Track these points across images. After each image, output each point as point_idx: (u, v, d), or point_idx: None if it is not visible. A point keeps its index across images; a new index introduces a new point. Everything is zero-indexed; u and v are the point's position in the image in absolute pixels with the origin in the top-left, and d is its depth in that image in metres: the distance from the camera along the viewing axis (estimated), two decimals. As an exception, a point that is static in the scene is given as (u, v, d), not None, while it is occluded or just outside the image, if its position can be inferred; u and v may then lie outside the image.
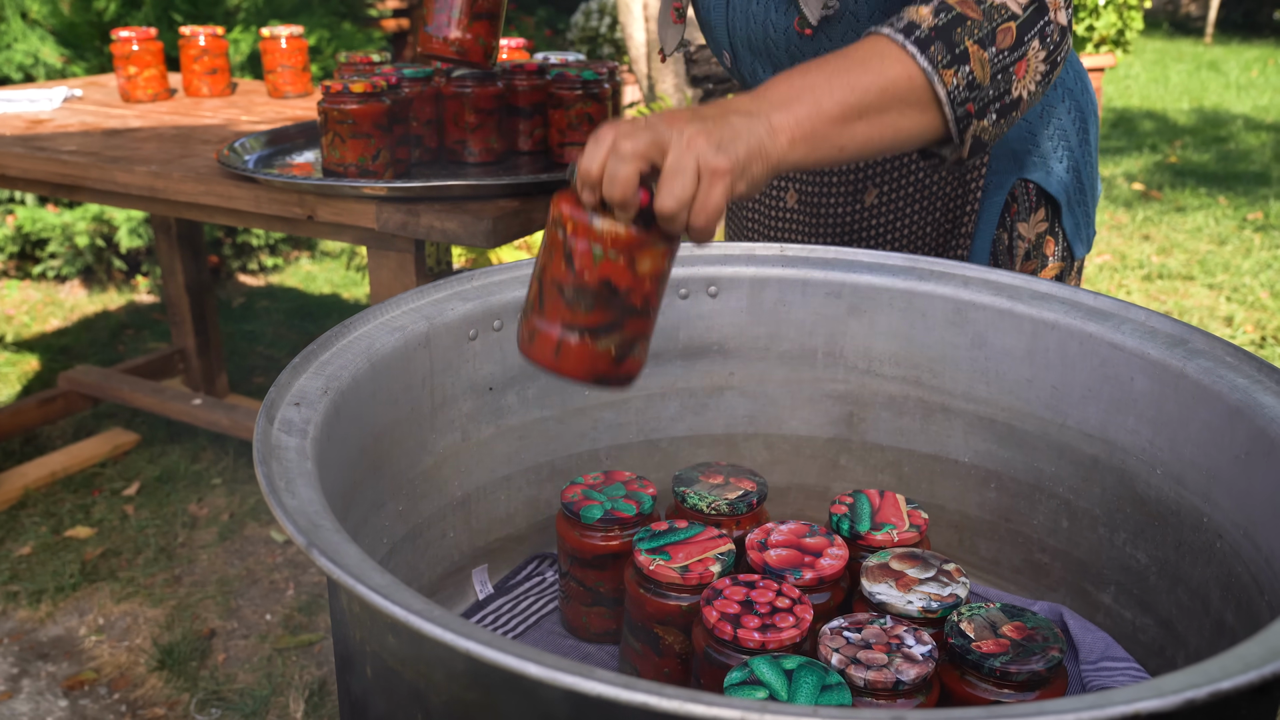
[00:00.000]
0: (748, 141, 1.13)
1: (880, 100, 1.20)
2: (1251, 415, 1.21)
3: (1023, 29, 1.25)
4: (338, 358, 1.26)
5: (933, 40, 1.21)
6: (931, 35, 1.21)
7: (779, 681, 1.09)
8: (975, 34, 1.23)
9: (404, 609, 0.79)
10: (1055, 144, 1.77)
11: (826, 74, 1.19)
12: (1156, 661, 1.36)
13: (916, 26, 1.22)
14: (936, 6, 1.24)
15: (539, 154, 2.53)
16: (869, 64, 1.21)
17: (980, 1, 1.24)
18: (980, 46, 1.23)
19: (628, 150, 1.08)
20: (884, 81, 1.20)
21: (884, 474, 1.62)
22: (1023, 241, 1.77)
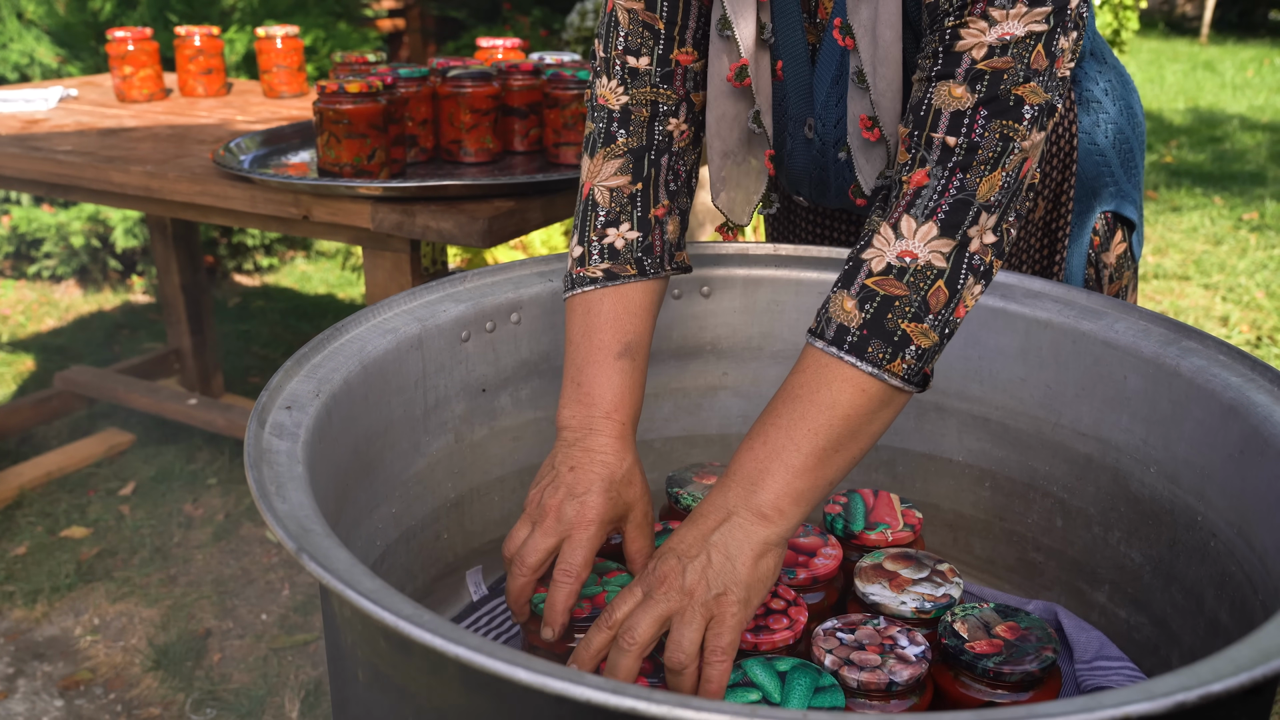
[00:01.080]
0: (742, 556, 1.13)
1: (846, 428, 1.15)
2: (1245, 414, 1.21)
3: (951, 281, 1.17)
4: (329, 360, 1.26)
5: (868, 341, 1.15)
6: (864, 334, 1.15)
7: (772, 683, 1.09)
8: (907, 312, 1.15)
9: (393, 614, 0.79)
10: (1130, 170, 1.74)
11: (784, 428, 1.16)
12: (1151, 660, 1.36)
13: (847, 331, 1.16)
14: (860, 296, 1.17)
15: (535, 154, 2.53)
16: (818, 398, 1.16)
17: (901, 274, 1.16)
18: (916, 321, 1.16)
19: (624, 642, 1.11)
20: (840, 412, 1.15)
21: (878, 473, 1.62)
22: (1107, 269, 1.74)
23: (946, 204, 1.17)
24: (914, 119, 1.22)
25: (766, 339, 1.60)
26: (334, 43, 6.13)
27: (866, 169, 1.46)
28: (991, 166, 1.17)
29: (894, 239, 1.17)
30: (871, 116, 1.41)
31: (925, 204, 1.18)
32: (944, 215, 1.17)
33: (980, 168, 1.17)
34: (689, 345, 1.60)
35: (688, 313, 1.58)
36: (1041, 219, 1.69)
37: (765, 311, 1.59)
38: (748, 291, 1.59)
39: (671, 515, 1.43)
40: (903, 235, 1.17)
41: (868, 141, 1.44)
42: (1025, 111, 1.17)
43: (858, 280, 1.17)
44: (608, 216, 1.41)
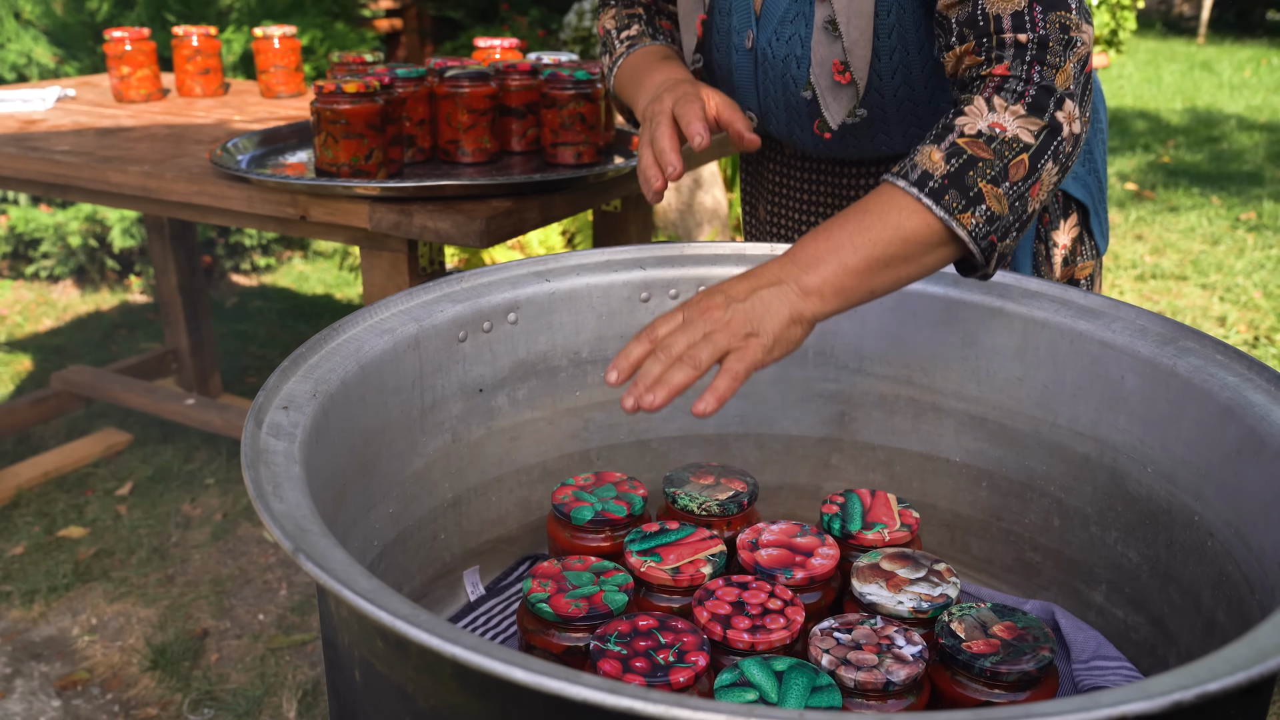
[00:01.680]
0: (778, 314, 1.24)
1: (903, 250, 1.27)
2: (1242, 414, 1.21)
3: (1035, 157, 1.31)
4: (326, 361, 1.26)
5: (946, 189, 1.27)
6: (945, 184, 1.27)
7: (769, 683, 1.09)
8: (988, 174, 1.28)
9: (390, 614, 0.79)
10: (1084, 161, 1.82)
11: (849, 231, 1.27)
12: (1148, 660, 1.36)
13: (930, 177, 1.28)
14: (948, 151, 1.30)
15: (532, 154, 2.53)
16: (887, 218, 1.27)
17: (990, 140, 1.30)
18: (994, 185, 1.28)
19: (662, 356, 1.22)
20: (904, 234, 1.27)
21: (875, 473, 1.62)
22: (1059, 249, 1.81)
23: (1032, 90, 1.33)
24: (974, 30, 1.39)
25: (764, 339, 1.60)
26: (331, 43, 6.13)
27: (835, 107, 1.65)
28: (1061, 58, 1.34)
29: (987, 111, 1.32)
30: (844, 62, 1.59)
31: (1013, 88, 1.33)
32: (1031, 99, 1.32)
33: (1053, 60, 1.34)
34: (686, 345, 1.60)
35: (685, 313, 1.58)
36: None
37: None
38: (745, 291, 1.59)
39: (669, 515, 1.43)
40: (995, 109, 1.32)
41: (838, 84, 1.62)
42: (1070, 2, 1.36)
43: (949, 138, 1.31)
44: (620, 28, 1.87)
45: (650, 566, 1.27)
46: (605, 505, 1.40)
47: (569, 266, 1.54)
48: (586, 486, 1.44)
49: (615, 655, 1.11)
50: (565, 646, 1.21)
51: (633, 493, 1.43)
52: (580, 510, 1.39)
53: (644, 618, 1.17)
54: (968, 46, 1.40)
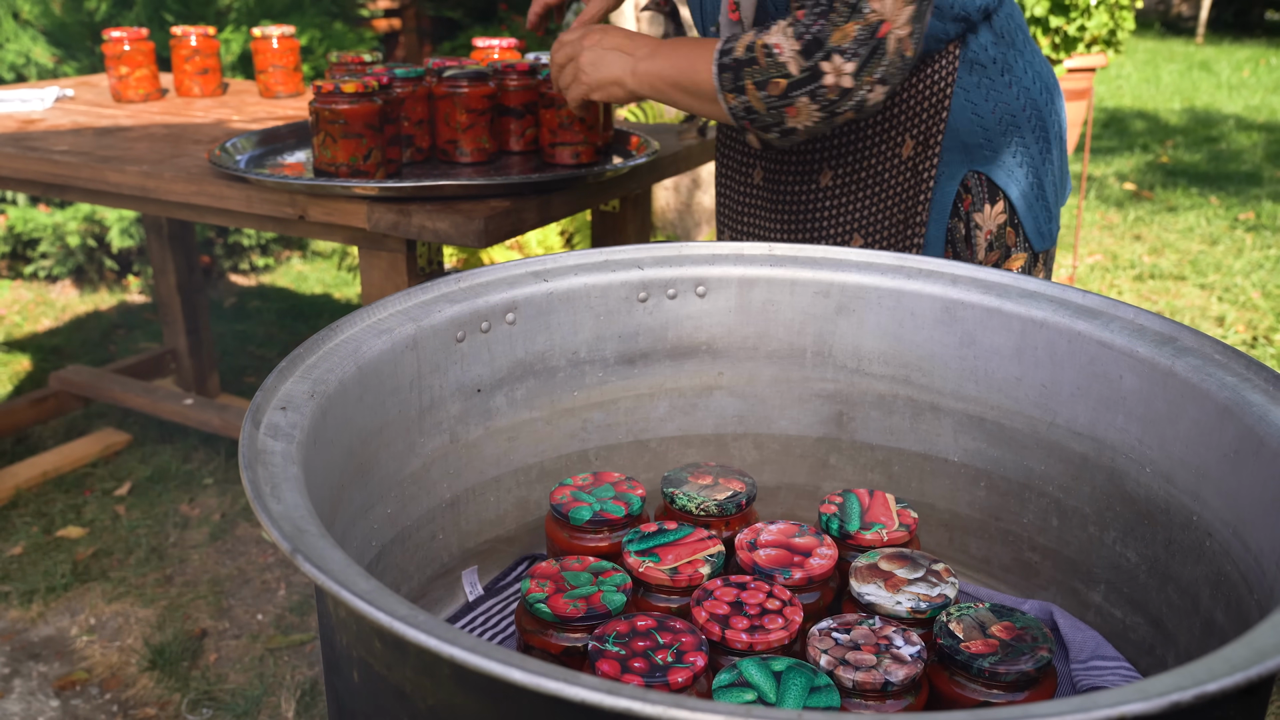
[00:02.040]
0: (610, 71, 1.88)
1: (692, 87, 1.76)
2: (1240, 413, 1.21)
3: (791, 87, 1.65)
4: (324, 361, 1.26)
5: (727, 69, 1.70)
6: (729, 65, 1.69)
7: (767, 683, 1.08)
8: (755, 78, 1.67)
9: (388, 615, 0.79)
10: (1014, 150, 1.89)
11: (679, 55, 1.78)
12: (1147, 660, 1.36)
13: (728, 54, 1.70)
14: (747, 45, 1.68)
15: (531, 154, 2.53)
16: (697, 63, 1.74)
17: (769, 55, 1.65)
18: (756, 88, 1.67)
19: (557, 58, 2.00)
20: (697, 79, 1.75)
21: (873, 473, 1.62)
22: (981, 231, 1.90)
23: (808, 36, 1.63)
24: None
25: (762, 339, 1.60)
26: (330, 43, 6.13)
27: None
28: (844, 18, 1.61)
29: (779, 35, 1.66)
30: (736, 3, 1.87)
31: (798, 29, 1.64)
32: (804, 43, 1.63)
33: (836, 18, 1.61)
34: (684, 345, 1.60)
35: (683, 313, 1.58)
36: (909, 157, 1.89)
37: (760, 311, 1.59)
38: (743, 291, 1.59)
39: (667, 515, 1.43)
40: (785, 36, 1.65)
41: (731, 21, 1.90)
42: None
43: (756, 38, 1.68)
44: None
45: (648, 567, 1.27)
46: (603, 505, 1.40)
47: (567, 266, 1.54)
48: (585, 487, 1.44)
49: (614, 655, 1.11)
50: (564, 647, 1.21)
51: (631, 493, 1.43)
52: (579, 510, 1.39)
53: (642, 618, 1.17)
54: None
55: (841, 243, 1.95)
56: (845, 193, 1.94)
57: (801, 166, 1.97)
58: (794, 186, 1.99)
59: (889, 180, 1.91)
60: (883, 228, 1.93)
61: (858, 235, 1.94)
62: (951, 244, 1.90)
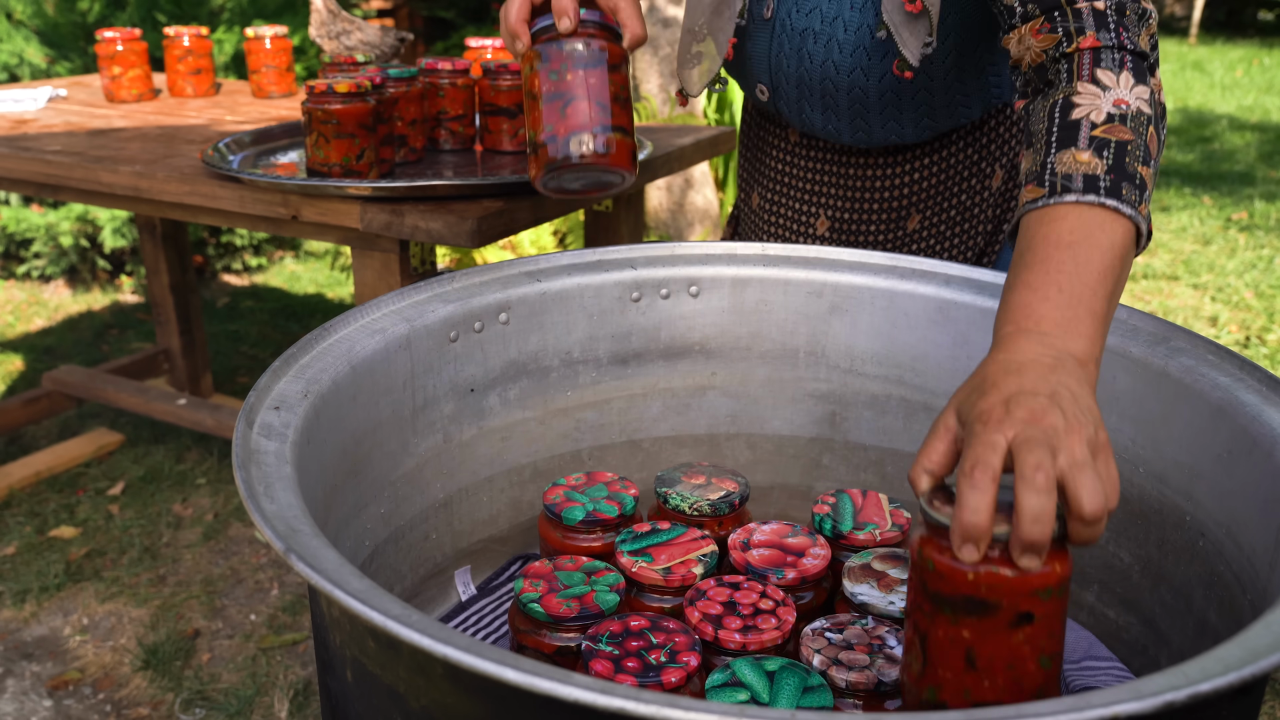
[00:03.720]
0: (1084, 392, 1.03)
1: (1123, 265, 1.15)
2: (1233, 414, 1.21)
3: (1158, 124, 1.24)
4: (317, 361, 1.26)
5: (1119, 184, 1.16)
6: (1113, 179, 1.16)
7: (760, 683, 1.09)
8: (1138, 155, 1.19)
9: (382, 614, 0.79)
10: None
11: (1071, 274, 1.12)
12: (1140, 661, 1.36)
13: (1096, 179, 1.16)
14: (1093, 146, 1.19)
15: (523, 154, 2.53)
16: (1096, 240, 1.14)
17: (1124, 119, 1.21)
18: (1145, 165, 1.19)
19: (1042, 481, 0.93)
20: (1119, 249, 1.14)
21: (867, 473, 1.62)
22: None
23: (1130, 58, 1.26)
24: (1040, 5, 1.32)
25: (755, 339, 1.60)
26: (323, 42, 6.12)
27: (911, 41, 1.54)
28: (1139, 23, 1.29)
29: (1102, 91, 1.23)
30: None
31: (1111, 59, 1.26)
32: (1132, 65, 1.25)
33: (1133, 22, 1.28)
34: (677, 345, 1.60)
35: (676, 313, 1.59)
36: (999, 189, 1.80)
37: (754, 311, 1.59)
38: (736, 291, 1.59)
39: (660, 515, 1.43)
40: (1109, 86, 1.23)
41: (910, 14, 1.53)
42: None
43: (1083, 134, 1.20)
44: None
45: (641, 567, 1.27)
46: (597, 505, 1.40)
47: (560, 266, 1.54)
48: (578, 486, 1.44)
49: (607, 655, 1.11)
50: (557, 646, 1.21)
51: (624, 493, 1.43)
52: (572, 510, 1.39)
53: (635, 618, 1.17)
54: (1035, 24, 1.32)
55: None
56: (933, 233, 1.83)
57: (887, 214, 1.83)
58: (877, 234, 1.85)
59: (976, 214, 1.82)
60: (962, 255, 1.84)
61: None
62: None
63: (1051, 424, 0.96)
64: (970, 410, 1.01)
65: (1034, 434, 0.95)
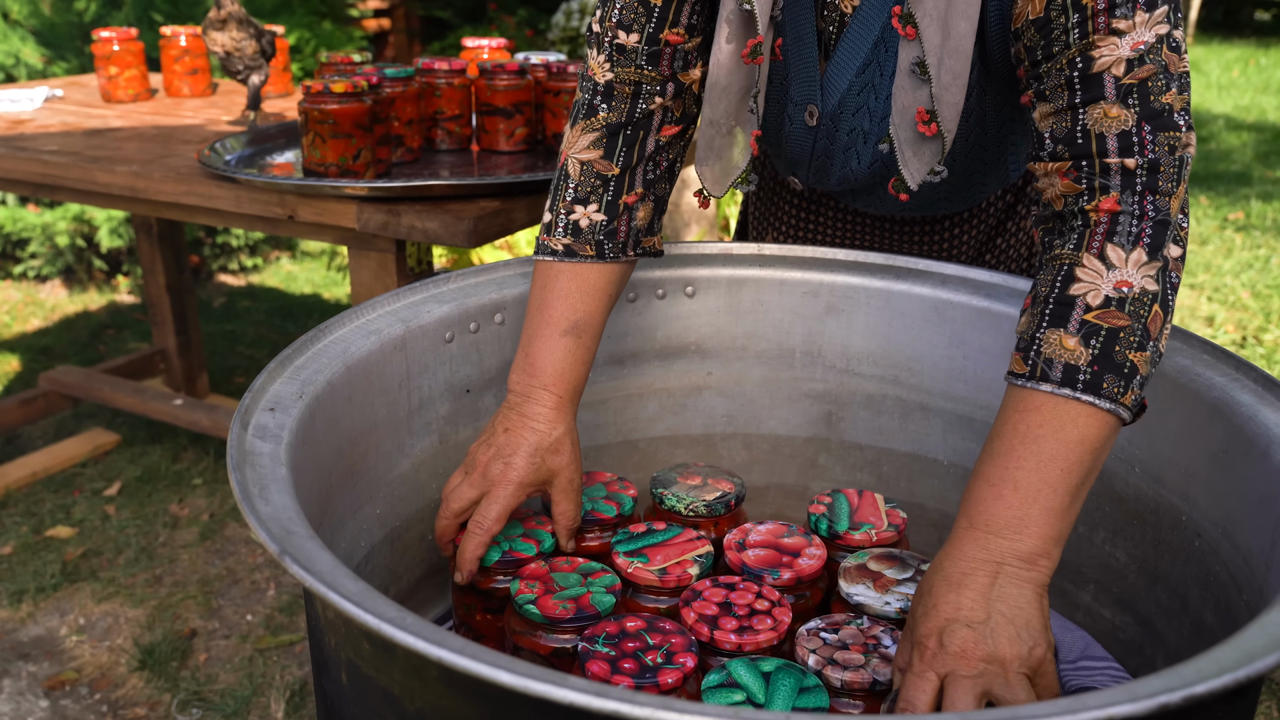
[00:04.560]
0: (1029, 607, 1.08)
1: (1093, 461, 1.13)
2: (1229, 414, 1.21)
3: (1164, 302, 1.17)
4: (313, 362, 1.25)
5: (1101, 377, 1.13)
6: (1096, 371, 1.13)
7: (756, 684, 1.08)
8: (1132, 342, 1.14)
9: (376, 617, 0.79)
10: None
11: (1032, 469, 1.12)
12: (1136, 660, 1.36)
13: (1077, 370, 1.13)
14: (1083, 332, 1.15)
15: (520, 154, 2.53)
16: (1065, 435, 1.13)
17: (1121, 304, 1.15)
18: (1140, 350, 1.14)
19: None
20: (1089, 445, 1.13)
21: (863, 473, 1.62)
22: None
23: (1149, 227, 1.17)
24: (1071, 149, 1.21)
25: (751, 339, 1.60)
26: (319, 43, 6.13)
27: (914, 163, 1.42)
28: (1174, 182, 1.18)
29: (1105, 270, 1.16)
30: (930, 110, 1.37)
31: (1127, 230, 1.17)
32: (1149, 239, 1.16)
33: (1166, 185, 1.18)
34: (673, 345, 1.60)
35: (672, 313, 1.58)
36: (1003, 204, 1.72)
37: (749, 311, 1.59)
38: (732, 291, 1.59)
39: (656, 516, 1.43)
40: (1114, 265, 1.16)
41: (922, 135, 1.41)
42: (1178, 118, 1.18)
43: (1074, 317, 1.15)
44: (577, 192, 1.43)
45: (637, 567, 1.27)
46: (595, 505, 1.40)
47: (557, 267, 1.54)
48: (574, 487, 1.44)
49: (603, 656, 1.11)
50: (553, 648, 1.21)
51: (622, 493, 1.43)
52: (568, 511, 1.39)
53: (631, 619, 1.17)
54: (1062, 166, 1.23)
55: None
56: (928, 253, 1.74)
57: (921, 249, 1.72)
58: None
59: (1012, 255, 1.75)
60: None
61: None
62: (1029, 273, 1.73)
63: (984, 655, 1.04)
64: (914, 630, 1.08)
65: (963, 671, 1.03)
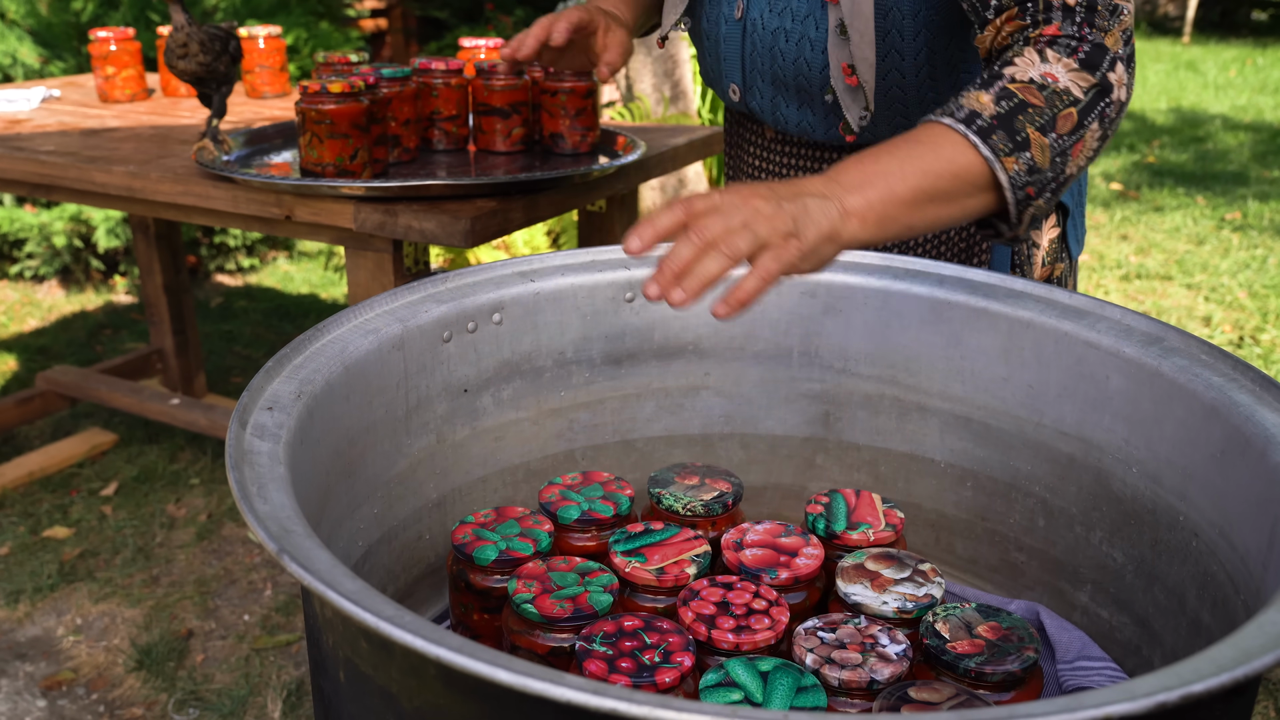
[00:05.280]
0: (819, 225, 1.19)
1: (951, 186, 1.26)
2: (1227, 413, 1.21)
3: (1084, 113, 1.30)
4: (311, 361, 1.25)
5: (994, 129, 1.26)
6: (993, 124, 1.26)
7: (754, 683, 1.08)
8: (1037, 121, 1.27)
9: (374, 615, 0.79)
10: None
11: (899, 159, 1.25)
12: (1133, 661, 1.36)
13: (978, 115, 1.27)
14: (998, 94, 1.28)
15: (517, 154, 2.53)
16: (940, 150, 1.26)
17: (1043, 87, 1.29)
18: (1041, 133, 1.27)
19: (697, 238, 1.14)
20: (955, 168, 1.26)
21: (860, 473, 1.62)
22: (1039, 249, 1.81)
23: (1086, 47, 1.32)
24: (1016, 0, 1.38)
25: (749, 339, 1.60)
26: (316, 43, 6.13)
27: (853, 109, 1.64)
28: (1110, 24, 1.33)
29: (1039, 60, 1.30)
30: (851, 65, 1.58)
31: (1066, 45, 1.32)
32: (1084, 55, 1.32)
33: (1102, 23, 1.33)
34: (671, 345, 1.60)
35: (670, 313, 1.58)
36: None
37: (747, 311, 1.59)
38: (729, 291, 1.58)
39: (653, 515, 1.43)
40: (1048, 61, 1.30)
41: (850, 87, 1.61)
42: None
43: (999, 84, 1.29)
44: None
45: (635, 567, 1.27)
46: (592, 505, 1.40)
47: (553, 266, 1.54)
48: (574, 486, 1.44)
49: (601, 656, 1.11)
50: (550, 647, 1.21)
51: (620, 493, 1.43)
52: (567, 510, 1.39)
53: (629, 618, 1.17)
54: (1010, 13, 1.38)
55: None
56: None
57: None
58: None
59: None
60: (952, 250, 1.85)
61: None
62: (1017, 266, 1.81)
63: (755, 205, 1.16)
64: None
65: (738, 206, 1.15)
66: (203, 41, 2.46)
